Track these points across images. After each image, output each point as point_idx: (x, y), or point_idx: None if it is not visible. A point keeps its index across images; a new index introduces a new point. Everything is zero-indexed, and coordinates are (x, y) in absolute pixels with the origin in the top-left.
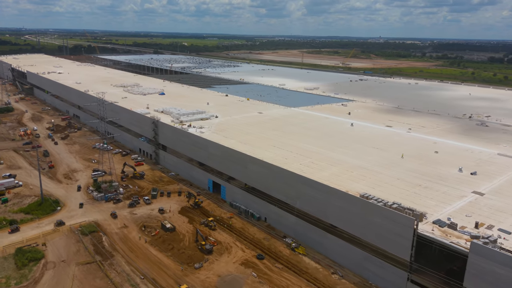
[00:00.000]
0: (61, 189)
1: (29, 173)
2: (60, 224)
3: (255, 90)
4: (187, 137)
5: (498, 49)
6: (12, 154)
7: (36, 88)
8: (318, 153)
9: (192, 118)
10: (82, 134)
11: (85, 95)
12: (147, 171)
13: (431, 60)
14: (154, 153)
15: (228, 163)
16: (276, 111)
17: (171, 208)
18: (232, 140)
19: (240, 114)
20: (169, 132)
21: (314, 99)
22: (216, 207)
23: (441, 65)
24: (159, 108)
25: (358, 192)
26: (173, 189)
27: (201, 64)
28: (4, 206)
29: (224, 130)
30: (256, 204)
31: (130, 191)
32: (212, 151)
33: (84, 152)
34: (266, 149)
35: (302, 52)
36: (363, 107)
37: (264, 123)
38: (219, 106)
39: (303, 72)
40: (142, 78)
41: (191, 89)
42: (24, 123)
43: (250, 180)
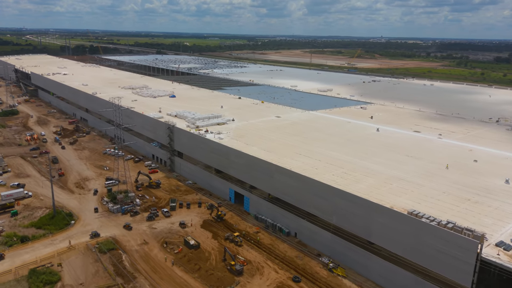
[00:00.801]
0: (74, 200)
1: (38, 182)
2: (95, 235)
3: (267, 92)
4: (205, 144)
5: (501, 48)
6: (20, 161)
7: (41, 90)
8: (349, 162)
9: (208, 123)
10: (91, 139)
11: (98, 99)
12: (162, 179)
13: (436, 60)
14: (169, 160)
15: (252, 173)
16: (294, 115)
17: (192, 222)
18: (254, 147)
19: (257, 118)
20: (185, 138)
21: (331, 101)
22: (240, 220)
23: (448, 65)
24: (172, 112)
25: (404, 208)
26: (192, 200)
27: (207, 65)
28: (14, 220)
29: (243, 136)
30: (285, 218)
31: (147, 202)
32: (234, 159)
33: (94, 158)
34: (292, 158)
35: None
36: (384, 111)
37: (284, 128)
38: (233, 110)
39: (312, 73)
40: (150, 79)
41: (201, 91)
42: (30, 127)
43: (277, 191)
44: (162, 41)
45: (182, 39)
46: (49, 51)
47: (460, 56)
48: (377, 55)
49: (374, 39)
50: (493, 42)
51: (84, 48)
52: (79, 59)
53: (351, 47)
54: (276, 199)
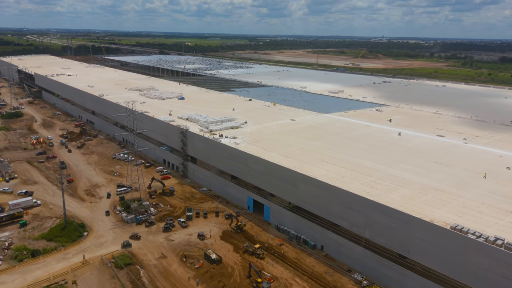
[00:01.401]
0: (85, 208)
1: (46, 189)
2: (127, 245)
3: (277, 93)
4: (222, 149)
5: (504, 48)
6: (26, 166)
7: (45, 91)
8: (376, 170)
9: (221, 127)
10: (99, 142)
11: (109, 102)
12: (175, 186)
13: (440, 60)
14: (182, 166)
15: (274, 181)
16: (309, 117)
17: (211, 233)
18: (273, 153)
19: (271, 121)
20: (200, 143)
21: (344, 103)
22: (261, 230)
23: (453, 66)
24: (183, 115)
25: (445, 223)
26: (209, 208)
27: (213, 65)
28: (23, 231)
29: (260, 141)
30: (310, 229)
31: (161, 211)
32: (253, 166)
33: (104, 163)
34: (315, 165)
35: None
36: (401, 113)
37: (301, 132)
38: (245, 112)
39: (320, 73)
40: (156, 80)
41: (210, 93)
42: (35, 130)
43: (302, 201)
44: (163, 41)
45: (183, 39)
46: (51, 51)
47: (464, 56)
48: (381, 55)
49: (375, 39)
50: (495, 42)
51: (86, 48)
52: (82, 60)
53: (353, 47)
54: (297, 207)
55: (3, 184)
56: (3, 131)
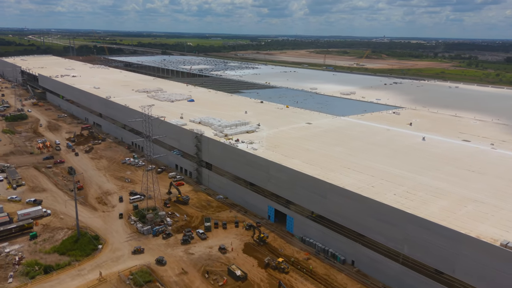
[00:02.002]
0: (98, 218)
1: (56, 197)
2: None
3: (288, 95)
4: (240, 156)
5: (507, 48)
6: (33, 172)
7: (49, 93)
8: (406, 178)
9: (236, 131)
10: (107, 146)
11: (123, 107)
12: (190, 193)
13: (445, 60)
14: (196, 172)
15: (298, 190)
16: (325, 121)
17: (233, 245)
18: (294, 160)
19: (287, 125)
20: (215, 148)
21: (358, 106)
22: (284, 243)
23: (459, 66)
24: (195, 118)
25: (493, 239)
26: (227, 218)
27: (218, 66)
28: (34, 244)
29: (278, 146)
30: (339, 243)
31: (178, 221)
32: (274, 173)
33: (114, 168)
34: (341, 172)
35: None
36: (419, 116)
37: (320, 136)
38: (259, 115)
39: (327, 74)
40: (163, 82)
41: (219, 95)
42: (41, 133)
43: (330, 212)
44: (165, 41)
45: (184, 39)
46: (53, 52)
47: (469, 56)
48: (384, 55)
49: (376, 39)
50: (496, 42)
51: (88, 48)
52: (85, 60)
53: (355, 47)
54: (323, 218)
55: (11, 192)
56: (8, 135)
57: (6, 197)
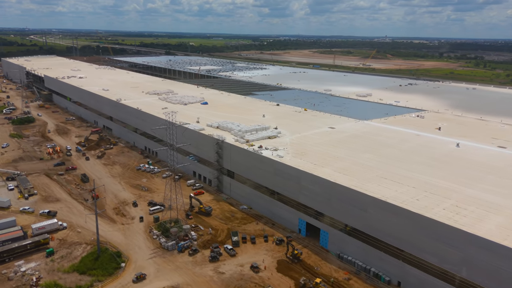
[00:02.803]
0: (117, 232)
1: (71, 208)
2: None
3: (302, 97)
4: (267, 165)
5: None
6: (45, 180)
7: (56, 94)
8: (452, 191)
9: (258, 137)
10: (120, 151)
11: (142, 113)
12: (211, 203)
13: (451, 60)
14: (217, 180)
15: (335, 203)
16: (349, 125)
17: (265, 263)
18: (325, 169)
19: (309, 129)
20: (238, 155)
21: (378, 108)
22: (320, 260)
23: (466, 66)
24: (212, 122)
25: None
26: (255, 231)
27: (225, 67)
28: (51, 261)
29: (305, 154)
30: (383, 262)
31: (203, 234)
32: (307, 184)
33: (128, 175)
34: (379, 183)
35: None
36: (444, 119)
37: (347, 142)
38: (277, 119)
39: (338, 75)
40: (172, 83)
41: (232, 97)
42: (49, 137)
43: (372, 228)
44: (167, 41)
45: (186, 39)
46: (56, 52)
47: (475, 56)
48: (389, 55)
49: (378, 39)
50: (499, 41)
51: (91, 48)
52: (88, 60)
53: (358, 47)
54: (354, 230)
55: (23, 202)
56: (16, 139)
57: (18, 208)
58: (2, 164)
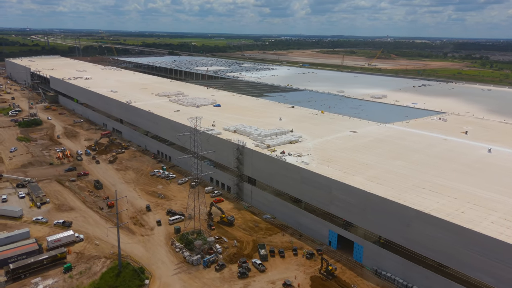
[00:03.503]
0: (137, 244)
1: (86, 217)
2: None
3: (316, 98)
4: (292, 172)
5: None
6: (57, 186)
7: (62, 96)
8: (497, 202)
9: (278, 141)
10: (132, 155)
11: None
12: (232, 211)
13: (456, 60)
14: (236, 187)
15: (370, 215)
16: (370, 129)
17: (298, 280)
18: (356, 177)
19: (330, 133)
20: (260, 162)
21: (397, 110)
22: (355, 276)
23: (473, 66)
24: (229, 126)
25: None
26: (282, 243)
27: (232, 67)
28: (69, 278)
29: (332, 160)
30: (427, 280)
31: (227, 247)
32: (339, 194)
33: (143, 181)
34: (417, 194)
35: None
36: (467, 123)
37: (372, 148)
38: (295, 122)
39: (348, 75)
40: (181, 84)
41: (244, 99)
42: (58, 141)
43: (415, 244)
44: (169, 41)
45: (187, 39)
46: (59, 52)
47: (480, 56)
48: (393, 55)
49: (380, 39)
50: (501, 41)
51: (94, 48)
52: (92, 61)
53: (360, 47)
54: (389, 243)
55: (35, 211)
56: (24, 142)
57: (31, 217)
58: (11, 169)
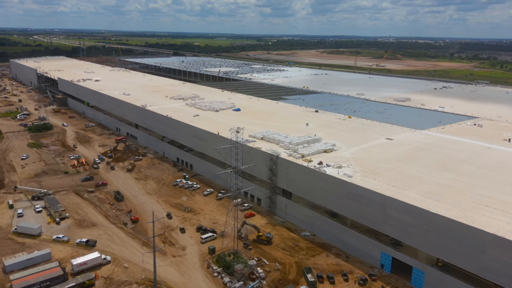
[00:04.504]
0: (170, 267)
1: (110, 234)
2: None
3: (338, 102)
4: (336, 186)
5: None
6: (75, 198)
7: (71, 98)
8: None
9: (312, 150)
10: (150, 163)
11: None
12: (265, 227)
13: (464, 61)
14: (269, 200)
15: (434, 238)
16: (406, 136)
17: None
18: (408, 192)
19: (365, 141)
20: (297, 173)
21: (427, 115)
22: None
23: (482, 67)
24: (255, 133)
25: None
26: (328, 266)
27: (242, 68)
28: None
29: (376, 172)
30: None
31: (269, 270)
32: (393, 213)
33: (166, 192)
34: (482, 213)
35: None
36: (504, 128)
37: (415, 158)
38: (323, 128)
39: (363, 77)
40: (195, 87)
41: (263, 102)
42: (71, 146)
43: (491, 272)
44: (172, 41)
45: (189, 39)
46: (62, 53)
47: (487, 57)
48: (399, 55)
49: (382, 39)
50: (503, 41)
51: (97, 48)
52: (97, 61)
53: (364, 47)
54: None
55: (54, 228)
56: (35, 149)
57: (50, 235)
58: (24, 179)
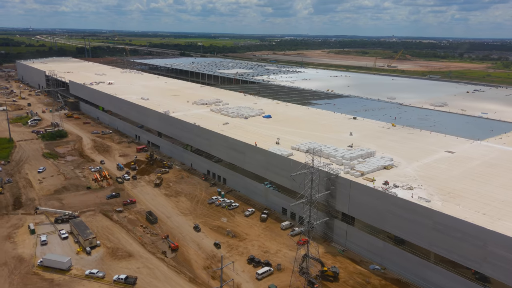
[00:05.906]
0: None
1: (151, 268)
2: None
3: (372, 107)
4: (417, 214)
5: None
6: (104, 221)
7: (83, 102)
8: None
9: (371, 167)
10: (178, 176)
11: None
12: (325, 257)
13: (475, 61)
14: (325, 224)
15: None
16: (467, 148)
17: None
18: (506, 222)
19: (424, 155)
20: (361, 196)
21: (474, 123)
22: None
23: (496, 68)
24: (298, 145)
25: None
26: None
27: (257, 70)
28: None
29: (455, 195)
30: None
31: None
32: (497, 250)
33: (202, 212)
34: None
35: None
36: None
37: (490, 176)
38: (371, 139)
39: (386, 79)
40: (215, 90)
41: (293, 108)
42: (89, 156)
43: None
44: (175, 41)
45: (191, 39)
46: (66, 53)
47: (498, 57)
48: (408, 55)
49: (384, 38)
50: (507, 41)
51: (102, 49)
52: (104, 62)
53: (368, 47)
54: None
55: (85, 260)
56: (52, 160)
57: (82, 269)
58: (43, 196)
